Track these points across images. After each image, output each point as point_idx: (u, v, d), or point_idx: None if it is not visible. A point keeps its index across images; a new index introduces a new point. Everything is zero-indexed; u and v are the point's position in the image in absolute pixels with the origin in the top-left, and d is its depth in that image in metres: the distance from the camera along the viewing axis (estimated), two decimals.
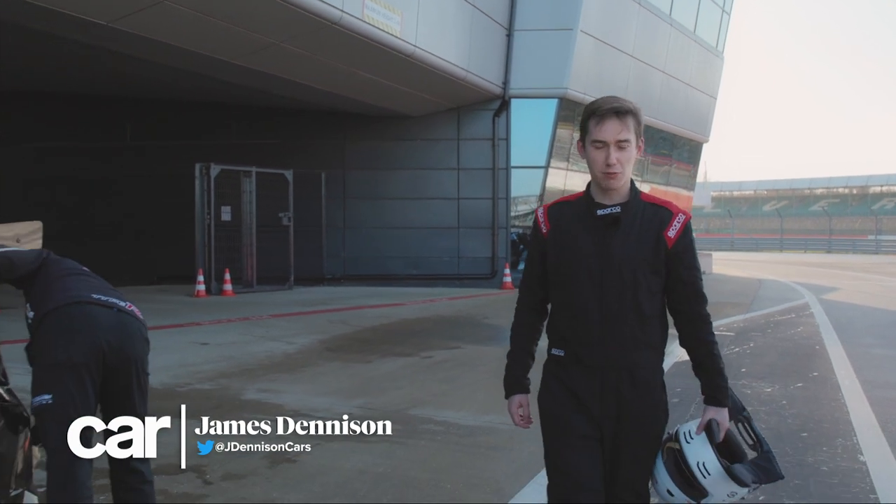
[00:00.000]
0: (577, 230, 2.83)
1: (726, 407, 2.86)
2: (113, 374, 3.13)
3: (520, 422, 2.98)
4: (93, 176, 19.78)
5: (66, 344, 3.04)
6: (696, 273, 2.84)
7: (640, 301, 2.77)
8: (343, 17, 11.79)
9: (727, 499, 2.81)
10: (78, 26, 10.83)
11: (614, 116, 2.77)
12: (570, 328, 2.84)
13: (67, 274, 3.29)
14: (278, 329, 11.17)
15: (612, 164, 2.75)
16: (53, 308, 3.10)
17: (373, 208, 18.86)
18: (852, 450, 5.67)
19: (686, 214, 2.84)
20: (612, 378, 2.79)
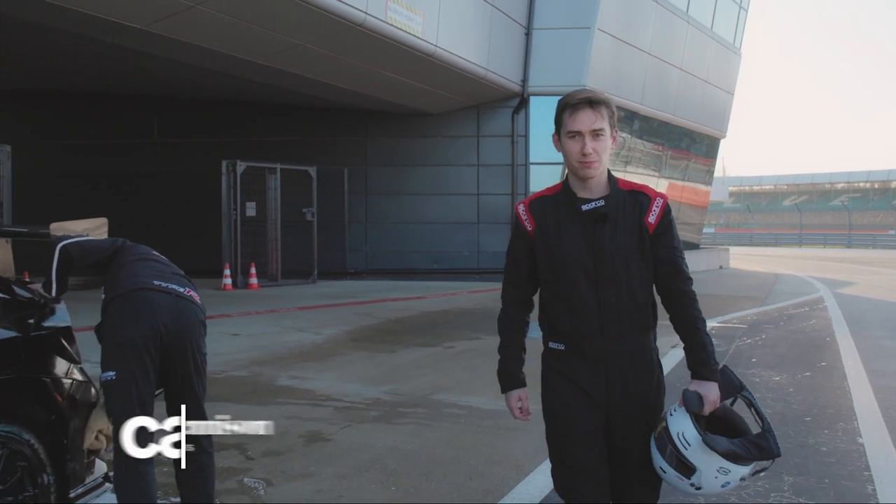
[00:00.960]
0: (564, 228, 2.86)
1: (712, 381, 2.84)
2: (171, 353, 3.45)
3: (519, 415, 3.01)
4: (121, 172, 20.28)
5: (128, 326, 3.38)
6: (677, 252, 2.89)
7: (635, 289, 2.84)
8: (367, 19, 12.17)
9: (718, 477, 2.79)
10: (114, 30, 11.29)
11: (588, 106, 2.80)
12: (568, 323, 2.88)
13: (137, 259, 3.65)
14: (305, 321, 11.58)
15: (588, 154, 2.78)
16: (119, 293, 3.45)
17: (394, 204, 19.26)
18: (852, 433, 6.00)
19: (663, 197, 2.89)
20: (615, 366, 2.85)
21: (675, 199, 25.19)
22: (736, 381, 2.93)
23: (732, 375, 2.93)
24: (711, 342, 2.86)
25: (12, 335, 3.38)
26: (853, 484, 4.81)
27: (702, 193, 27.54)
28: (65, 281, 3.69)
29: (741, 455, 2.76)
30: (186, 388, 3.50)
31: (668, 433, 2.79)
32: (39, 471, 3.36)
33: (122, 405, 3.29)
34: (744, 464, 2.79)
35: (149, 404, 3.34)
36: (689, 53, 22.95)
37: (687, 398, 2.79)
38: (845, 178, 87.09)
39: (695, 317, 2.86)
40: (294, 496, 4.40)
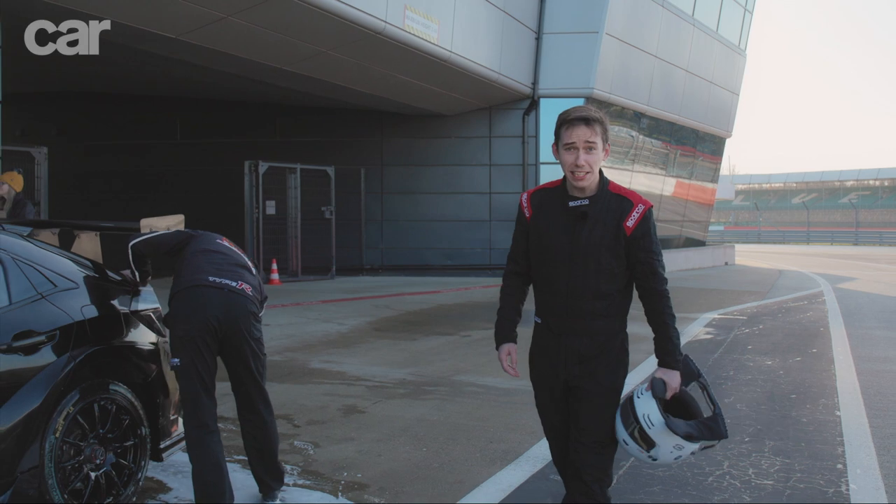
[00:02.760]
0: (553, 218, 3.23)
1: (674, 370, 3.18)
2: (227, 340, 4.04)
3: (507, 367, 3.36)
4: (143, 172, 20.99)
5: (184, 322, 3.94)
6: (653, 256, 3.18)
7: (600, 282, 3.16)
8: (386, 28, 12.85)
9: (673, 451, 3.15)
10: (148, 39, 11.99)
11: (583, 123, 3.13)
12: (544, 301, 3.29)
13: (199, 252, 4.22)
14: (329, 313, 12.28)
15: (580, 165, 3.12)
16: (178, 290, 4.05)
17: (409, 202, 19.92)
18: (831, 407, 6.66)
19: (646, 204, 3.19)
20: (574, 342, 3.21)
21: (682, 196, 25.82)
22: (695, 370, 3.27)
23: (692, 365, 3.28)
24: (678, 335, 3.21)
25: (121, 310, 4.10)
26: (826, 447, 5.48)
27: (708, 191, 28.11)
28: (144, 270, 4.39)
29: (695, 436, 3.12)
30: (243, 368, 4.12)
31: (634, 413, 3.15)
32: (138, 424, 4.07)
33: (186, 386, 3.95)
34: (695, 441, 3.15)
35: (209, 383, 3.97)
36: (695, 55, 23.53)
37: (654, 385, 3.14)
38: (855, 176, 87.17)
39: (664, 313, 3.18)
40: (339, 455, 5.10)
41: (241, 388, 4.18)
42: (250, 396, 4.17)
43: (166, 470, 4.66)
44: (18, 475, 3.45)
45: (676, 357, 3.19)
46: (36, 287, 3.73)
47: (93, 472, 3.82)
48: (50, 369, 3.60)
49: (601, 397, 3.22)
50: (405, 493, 4.42)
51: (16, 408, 3.44)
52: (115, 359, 4.02)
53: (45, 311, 3.70)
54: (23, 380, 3.50)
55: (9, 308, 3.57)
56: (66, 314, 3.76)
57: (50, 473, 3.57)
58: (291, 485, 4.52)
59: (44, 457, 3.55)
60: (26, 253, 3.81)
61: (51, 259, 3.93)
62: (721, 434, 3.16)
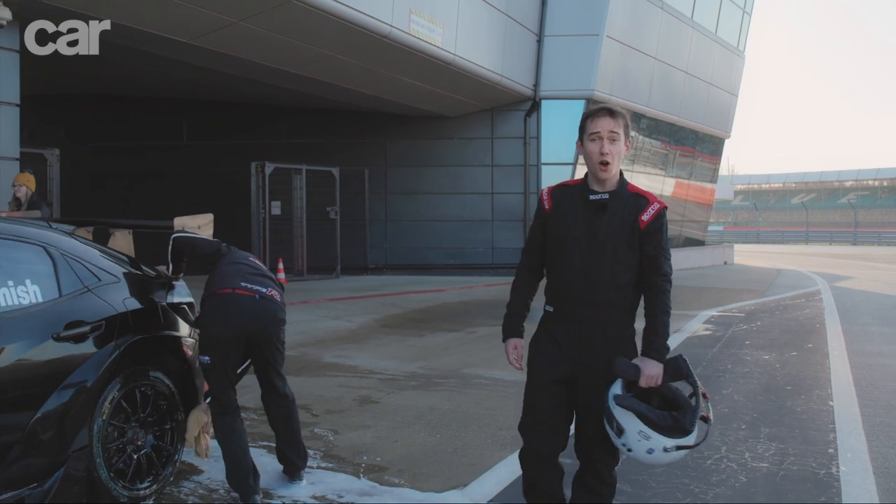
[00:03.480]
0: (573, 211, 3.34)
1: (655, 360, 3.22)
2: (255, 343, 4.36)
3: (513, 361, 3.45)
4: (150, 173, 21.23)
5: (215, 324, 4.23)
6: (661, 252, 3.29)
7: (616, 272, 3.26)
8: (392, 31, 13.14)
9: (640, 441, 3.13)
10: (160, 43, 12.28)
11: (607, 115, 3.30)
12: (559, 290, 3.36)
13: (230, 263, 4.51)
14: (337, 310, 12.57)
15: (605, 154, 3.25)
16: (211, 293, 4.31)
17: (412, 203, 20.21)
18: (825, 398, 6.96)
19: (661, 204, 3.33)
20: (588, 331, 3.30)
21: (681, 197, 26.10)
22: (684, 370, 3.26)
23: (683, 364, 3.27)
24: (667, 330, 3.27)
25: (158, 303, 4.39)
26: (818, 433, 5.78)
27: (707, 191, 28.40)
28: (179, 265, 4.69)
29: (654, 421, 3.12)
30: (269, 364, 4.46)
31: (605, 396, 3.23)
32: (175, 409, 4.36)
33: (215, 381, 4.27)
34: (662, 433, 3.12)
35: (233, 379, 4.33)
36: (694, 57, 23.82)
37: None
38: (854, 176, 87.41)
39: (660, 308, 3.27)
40: (358, 441, 5.39)
41: (265, 377, 4.51)
42: (273, 382, 4.51)
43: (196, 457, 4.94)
44: (70, 454, 3.74)
45: (658, 348, 3.23)
46: (82, 281, 4.02)
47: (134, 453, 4.11)
48: (97, 357, 3.89)
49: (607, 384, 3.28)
50: (423, 475, 4.72)
51: (69, 393, 3.73)
52: (153, 348, 4.31)
53: (91, 303, 3.98)
54: (73, 366, 3.78)
55: (59, 300, 3.86)
56: (110, 306, 4.05)
57: (98, 453, 3.86)
58: (315, 467, 4.80)
59: (92, 437, 3.84)
60: (73, 249, 4.10)
61: (94, 255, 4.22)
62: (685, 427, 3.15)
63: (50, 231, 4.12)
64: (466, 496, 4.40)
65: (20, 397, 3.57)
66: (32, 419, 3.59)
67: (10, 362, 3.54)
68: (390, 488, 4.48)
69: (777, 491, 4.54)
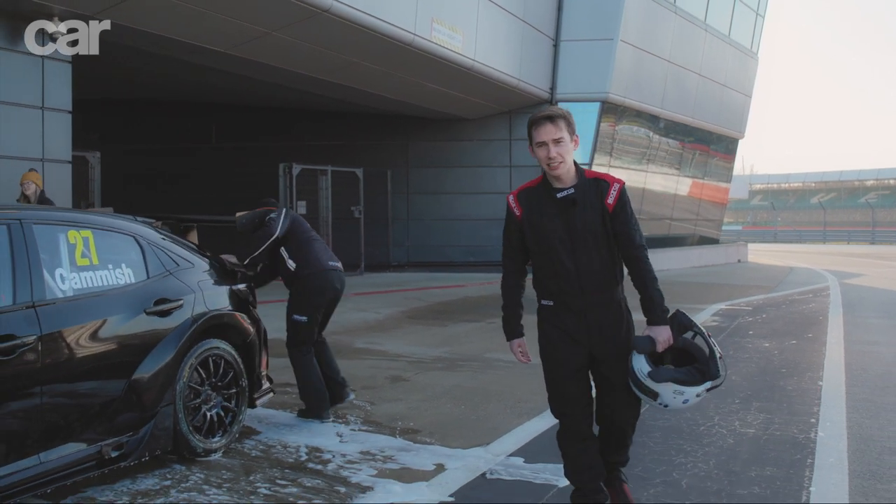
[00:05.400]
0: (546, 212, 3.56)
1: (662, 325, 3.55)
2: (333, 302, 5.97)
3: (521, 358, 3.79)
4: (180, 174, 22.04)
5: (319, 294, 5.91)
6: (630, 226, 3.55)
7: (602, 255, 3.56)
8: (415, 39, 13.86)
9: (675, 397, 3.53)
10: (197, 52, 13.05)
11: (548, 122, 3.51)
12: (555, 284, 3.60)
13: (312, 239, 6.04)
14: (363, 303, 13.28)
15: (553, 158, 3.49)
16: (312, 272, 5.86)
17: (433, 202, 20.94)
18: (815, 378, 7.59)
19: (620, 182, 3.57)
20: (594, 315, 3.59)
21: (696, 196, 26.70)
22: (686, 321, 3.62)
23: (683, 317, 3.64)
24: (660, 294, 3.57)
25: (225, 286, 5.14)
26: (804, 406, 6.44)
27: (721, 191, 28.96)
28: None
29: (686, 380, 3.50)
30: (329, 316, 6.05)
31: (631, 370, 3.55)
32: (239, 377, 5.09)
33: (307, 334, 5.89)
34: (694, 385, 3.52)
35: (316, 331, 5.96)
36: (707, 59, 24.38)
37: (636, 343, 3.55)
38: (874, 176, 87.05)
39: (645, 276, 3.56)
40: (392, 410, 6.12)
41: (323, 325, 6.17)
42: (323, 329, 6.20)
43: (252, 421, 5.66)
44: (159, 410, 4.48)
45: (660, 313, 3.55)
46: (165, 266, 4.76)
47: (208, 411, 4.84)
48: (178, 330, 4.63)
49: (623, 354, 3.61)
50: (450, 436, 5.43)
51: (158, 358, 4.47)
52: (222, 324, 5.04)
53: (172, 284, 4.73)
54: (160, 337, 4.53)
55: (148, 281, 4.61)
56: (188, 287, 4.80)
57: (180, 409, 4.60)
58: (357, 430, 5.53)
59: (175, 396, 4.58)
60: (156, 239, 4.84)
61: (172, 244, 4.96)
62: (713, 374, 3.51)
63: (137, 224, 4.86)
64: (489, 452, 5.11)
65: (120, 362, 4.32)
66: (129, 379, 4.33)
67: (113, 332, 4.29)
68: (423, 445, 5.21)
69: (759, 450, 5.21)
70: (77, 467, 4.04)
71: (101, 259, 4.39)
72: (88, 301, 4.24)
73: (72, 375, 4.06)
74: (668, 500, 4.26)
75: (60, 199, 10.42)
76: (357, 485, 4.43)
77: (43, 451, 3.89)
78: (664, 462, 4.90)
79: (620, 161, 21.79)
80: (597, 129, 20.28)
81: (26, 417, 3.85)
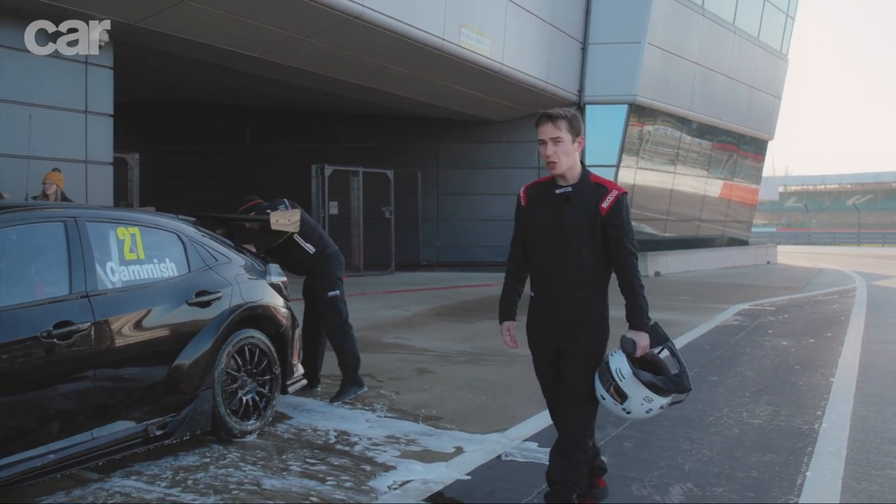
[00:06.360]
0: (542, 205, 3.72)
1: (644, 331, 3.65)
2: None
3: (508, 341, 3.99)
4: (215, 174, 22.55)
5: (340, 269, 6.64)
6: (623, 233, 3.64)
7: (582, 256, 3.65)
8: (444, 44, 14.21)
9: (643, 404, 3.61)
10: (233, 58, 13.51)
11: (548, 121, 3.62)
12: (537, 276, 3.81)
13: (316, 224, 6.65)
14: (393, 301, 13.66)
15: (549, 156, 3.62)
16: (332, 251, 6.57)
17: (463, 203, 21.30)
18: (828, 375, 7.82)
19: (620, 190, 3.66)
20: (563, 311, 3.71)
21: (725, 197, 26.78)
22: (662, 335, 3.74)
23: (661, 330, 3.76)
24: (645, 303, 3.67)
25: (260, 280, 5.52)
26: (812, 400, 6.69)
27: (751, 192, 29.01)
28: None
29: (661, 388, 3.61)
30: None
31: (608, 369, 3.63)
32: (273, 364, 5.46)
33: (342, 308, 6.54)
34: (663, 395, 3.63)
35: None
36: (736, 61, 24.46)
37: (624, 342, 3.65)
38: None
39: (632, 283, 3.66)
40: (417, 399, 6.46)
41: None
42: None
43: (285, 407, 6.03)
44: (199, 393, 4.86)
45: (644, 321, 3.65)
46: (204, 260, 5.15)
47: (243, 396, 5.22)
48: (217, 319, 5.01)
49: (583, 357, 3.71)
50: (470, 422, 5.77)
51: (199, 346, 4.86)
52: (257, 315, 5.41)
53: (212, 278, 5.11)
54: (200, 326, 4.91)
55: (189, 274, 5.00)
56: (226, 280, 5.18)
57: (218, 392, 4.97)
58: (383, 416, 5.89)
59: (214, 381, 4.95)
60: (196, 236, 5.24)
61: (211, 241, 5.35)
62: (685, 387, 3.66)
63: (179, 222, 5.26)
64: (505, 437, 5.44)
65: (164, 347, 4.70)
66: (172, 364, 4.71)
67: (157, 321, 4.68)
68: (444, 430, 5.55)
69: (763, 439, 5.49)
70: (125, 443, 4.43)
71: (147, 254, 4.78)
72: (136, 292, 4.63)
73: (121, 359, 4.45)
74: (670, 482, 4.55)
75: (102, 199, 10.92)
76: (382, 464, 4.78)
77: (95, 427, 4.28)
78: (670, 448, 5.20)
79: (648, 162, 21.99)
80: (624, 131, 20.51)
81: (80, 397, 4.24)
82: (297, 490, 4.30)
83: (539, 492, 4.23)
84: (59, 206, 5.70)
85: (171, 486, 4.33)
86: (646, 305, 3.66)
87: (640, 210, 21.99)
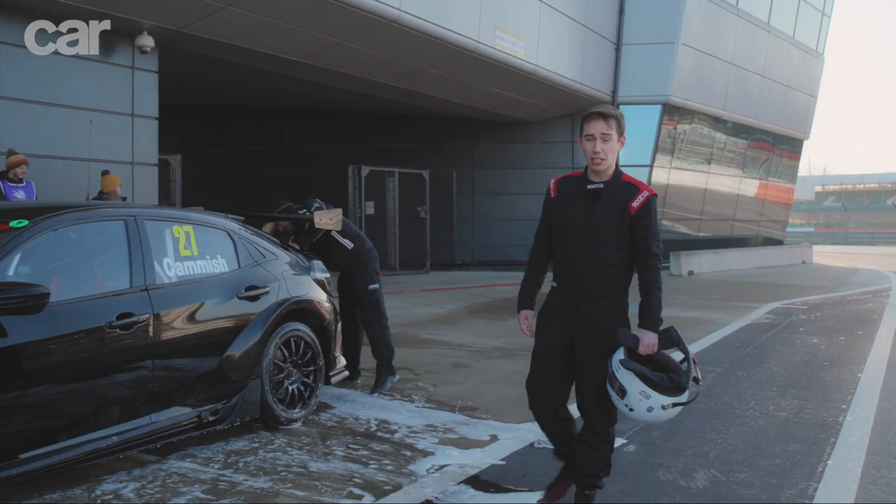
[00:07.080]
0: (573, 199, 3.75)
1: (651, 331, 3.65)
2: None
3: (524, 329, 3.96)
4: (254, 175, 22.98)
5: (378, 264, 6.93)
6: (649, 233, 3.68)
7: (609, 252, 3.68)
8: (479, 47, 14.46)
9: (641, 400, 3.58)
10: (273, 62, 13.87)
11: (600, 118, 3.67)
12: (561, 268, 3.81)
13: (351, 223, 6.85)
14: (429, 299, 13.95)
15: (597, 152, 3.66)
16: (368, 247, 6.90)
17: (497, 203, 21.54)
18: (856, 371, 7.95)
19: (650, 192, 3.70)
20: (584, 304, 3.73)
21: (760, 197, 26.74)
22: (675, 338, 3.71)
23: (674, 334, 3.72)
24: (659, 304, 3.69)
25: (305, 276, 5.82)
26: (839, 395, 6.85)
27: (786, 191, 28.93)
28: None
29: (651, 379, 3.56)
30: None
31: (609, 362, 3.67)
32: (317, 356, 5.75)
33: (382, 301, 6.87)
34: (660, 392, 3.58)
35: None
36: (771, 61, 24.44)
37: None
38: None
39: (650, 282, 3.69)
40: (453, 391, 6.72)
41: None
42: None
43: (328, 398, 6.32)
44: (248, 382, 5.15)
45: (653, 320, 3.67)
46: (253, 257, 5.45)
47: (289, 385, 5.51)
48: (265, 313, 5.31)
49: (602, 351, 3.71)
50: (505, 413, 6.02)
51: (248, 338, 5.16)
52: (302, 309, 5.70)
53: (260, 273, 5.41)
54: (249, 319, 5.21)
55: (239, 270, 5.30)
56: (273, 276, 5.48)
57: (266, 382, 5.27)
58: (421, 407, 6.16)
59: (262, 371, 5.25)
60: (245, 234, 5.55)
61: (259, 238, 5.66)
62: (681, 386, 3.62)
63: (229, 220, 5.57)
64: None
65: (217, 340, 5.00)
66: (224, 355, 5.01)
67: (210, 314, 4.98)
68: (480, 420, 5.82)
69: (787, 430, 5.68)
70: (181, 428, 4.73)
71: (200, 250, 5.09)
72: (190, 286, 4.93)
73: (177, 349, 4.75)
74: (695, 468, 4.77)
75: (147, 199, 11.33)
76: (421, 450, 5.05)
77: (153, 412, 4.59)
78: (697, 438, 5.41)
79: (682, 162, 22.07)
80: (658, 131, 20.63)
81: (139, 384, 4.54)
82: (341, 472, 4.59)
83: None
84: (119, 206, 6.03)
85: (223, 467, 4.63)
86: (659, 306, 3.70)
87: (674, 210, 22.08)
